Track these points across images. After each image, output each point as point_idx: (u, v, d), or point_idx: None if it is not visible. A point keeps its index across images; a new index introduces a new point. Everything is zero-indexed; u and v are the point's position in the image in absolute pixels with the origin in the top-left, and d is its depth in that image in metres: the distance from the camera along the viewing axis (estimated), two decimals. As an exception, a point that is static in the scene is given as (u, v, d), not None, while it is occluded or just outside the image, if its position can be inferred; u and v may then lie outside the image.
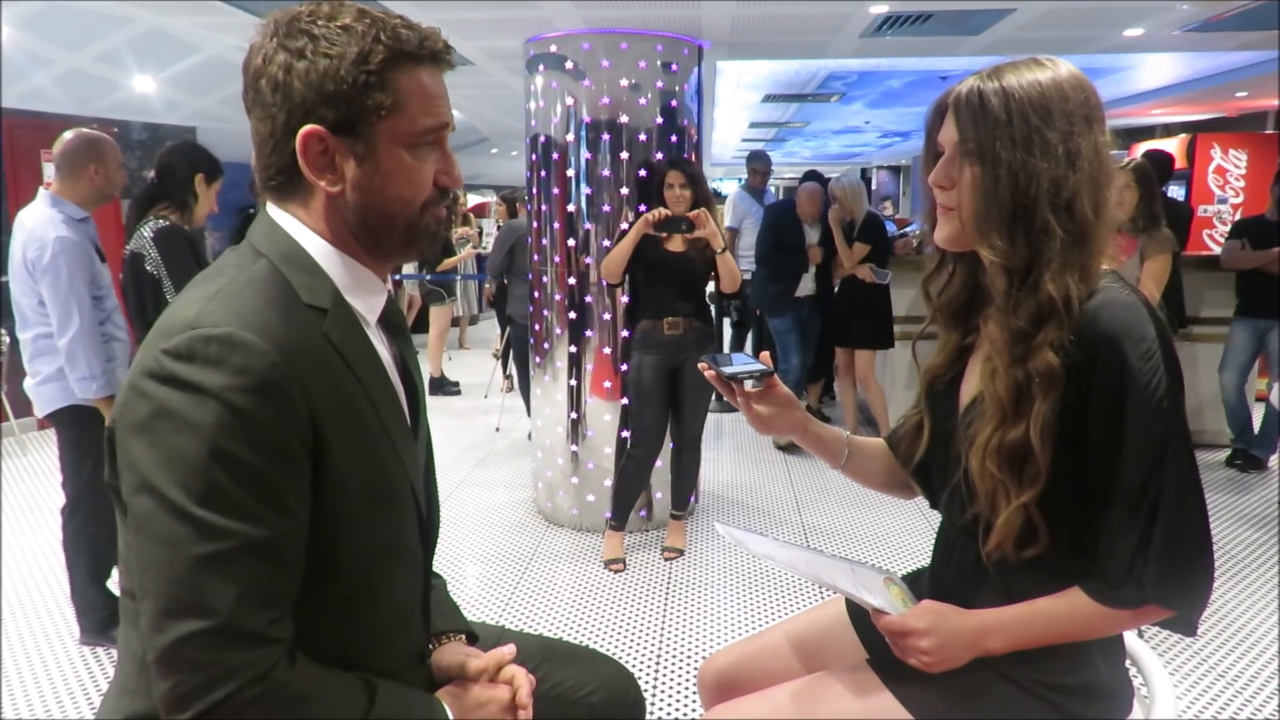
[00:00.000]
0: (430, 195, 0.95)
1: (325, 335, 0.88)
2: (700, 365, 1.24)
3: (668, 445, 3.44)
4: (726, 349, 5.87)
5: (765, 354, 1.24)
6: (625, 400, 3.51)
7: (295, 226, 0.93)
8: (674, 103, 3.52)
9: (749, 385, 1.21)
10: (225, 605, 0.77)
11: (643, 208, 3.22)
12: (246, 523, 0.78)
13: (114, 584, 2.70)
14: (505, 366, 5.86)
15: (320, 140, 0.88)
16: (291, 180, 0.91)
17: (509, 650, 1.08)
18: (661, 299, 3.25)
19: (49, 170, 4.69)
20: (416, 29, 0.91)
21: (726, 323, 6.19)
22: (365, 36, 0.87)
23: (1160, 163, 4.69)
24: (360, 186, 0.91)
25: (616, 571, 3.28)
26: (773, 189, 6.52)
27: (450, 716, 0.97)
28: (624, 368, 3.51)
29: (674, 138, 3.53)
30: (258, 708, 0.78)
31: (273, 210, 0.94)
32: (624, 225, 3.43)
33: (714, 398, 3.70)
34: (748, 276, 5.13)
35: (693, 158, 3.59)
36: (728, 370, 1.19)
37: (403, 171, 0.92)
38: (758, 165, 5.71)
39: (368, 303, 0.97)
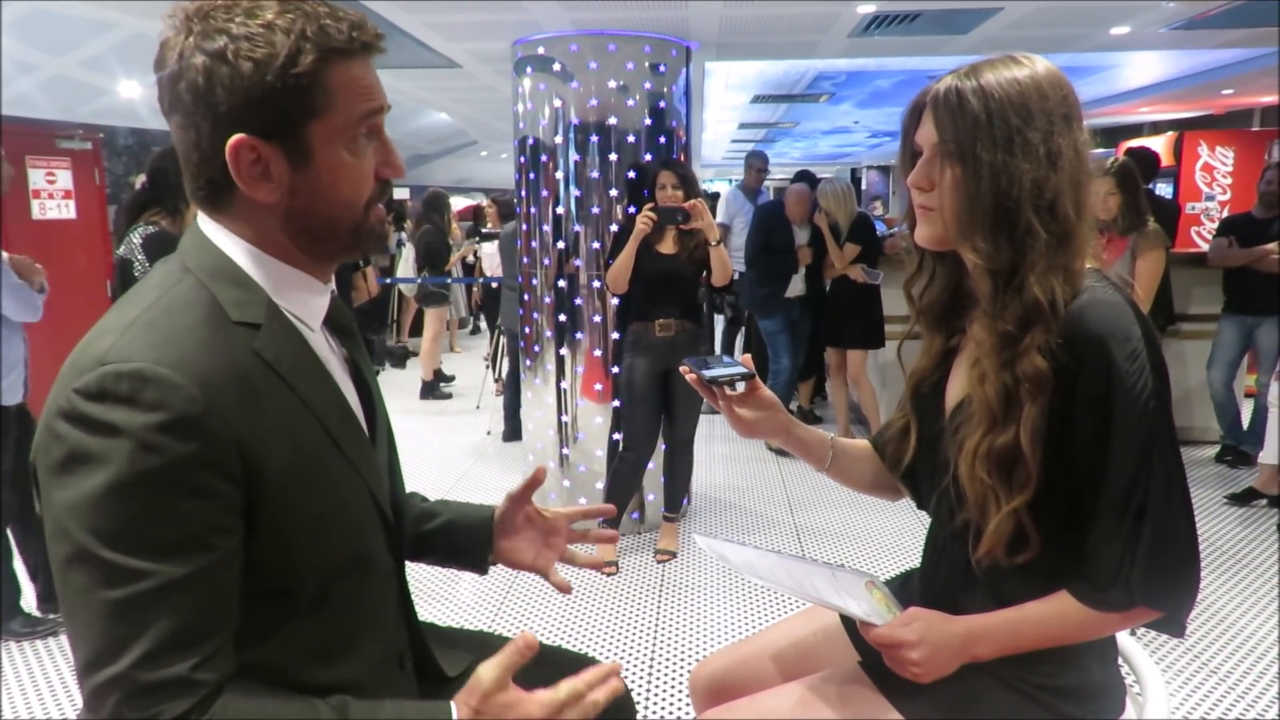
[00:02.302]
0: (373, 191, 0.91)
1: (257, 353, 0.83)
2: (682, 368, 1.23)
3: (660, 447, 3.44)
4: (718, 347, 5.86)
5: (747, 356, 1.23)
6: (617, 403, 3.51)
7: (225, 238, 0.88)
8: (662, 104, 3.51)
9: (735, 388, 1.20)
10: (139, 652, 0.74)
11: (632, 210, 3.21)
12: (163, 562, 0.75)
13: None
14: (495, 370, 5.85)
15: (252, 149, 0.82)
16: (221, 191, 0.86)
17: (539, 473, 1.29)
18: (653, 301, 3.24)
19: (35, 177, 4.67)
20: (345, 19, 0.85)
21: (719, 321, 6.18)
22: (290, 34, 0.81)
23: (1146, 160, 4.71)
24: (300, 192, 0.86)
25: (609, 574, 3.27)
26: (765, 189, 6.50)
27: (455, 717, 0.86)
28: (615, 370, 3.51)
29: (663, 139, 3.52)
30: None
31: (203, 222, 0.89)
32: (613, 226, 3.43)
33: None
34: (737, 277, 5.12)
35: (682, 159, 3.59)
36: (708, 374, 1.18)
37: (343, 171, 0.87)
38: (756, 163, 5.64)
39: (308, 308, 0.93)
